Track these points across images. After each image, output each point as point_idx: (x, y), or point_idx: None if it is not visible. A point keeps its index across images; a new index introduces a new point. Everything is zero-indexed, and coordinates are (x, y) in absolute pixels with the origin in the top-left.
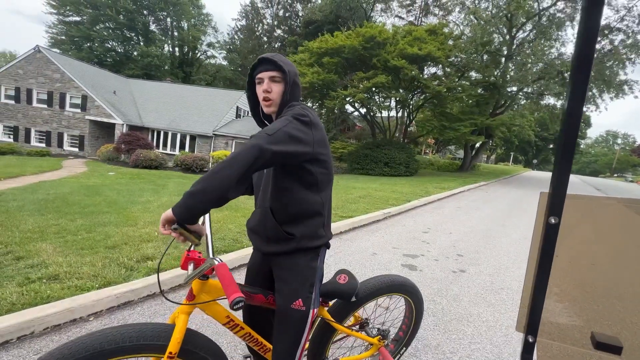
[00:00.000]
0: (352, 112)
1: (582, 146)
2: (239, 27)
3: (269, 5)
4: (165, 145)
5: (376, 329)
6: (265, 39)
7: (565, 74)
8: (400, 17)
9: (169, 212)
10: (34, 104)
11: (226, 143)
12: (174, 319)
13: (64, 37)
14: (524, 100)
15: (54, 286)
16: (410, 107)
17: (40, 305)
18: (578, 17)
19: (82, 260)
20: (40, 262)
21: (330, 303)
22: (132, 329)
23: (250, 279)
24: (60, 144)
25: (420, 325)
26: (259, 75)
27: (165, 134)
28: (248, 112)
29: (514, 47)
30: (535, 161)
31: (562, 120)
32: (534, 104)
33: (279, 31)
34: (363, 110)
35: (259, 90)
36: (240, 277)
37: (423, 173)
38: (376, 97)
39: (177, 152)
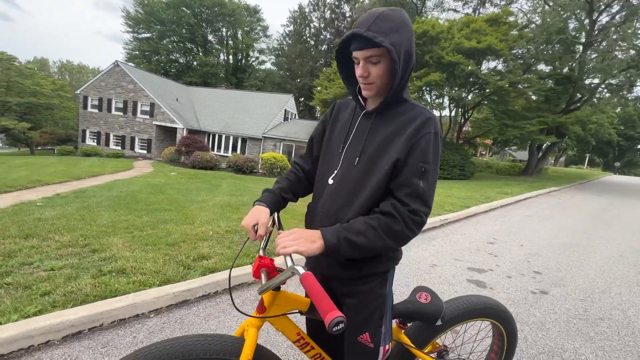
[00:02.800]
0: None
1: None
2: (287, 32)
3: (316, 8)
4: (219, 147)
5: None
6: (312, 42)
7: None
8: (455, 11)
9: (316, 243)
10: (113, 111)
11: (274, 145)
12: (243, 331)
13: (137, 52)
14: (607, 94)
15: (121, 280)
16: (466, 105)
17: (109, 298)
18: None
19: (146, 256)
20: (111, 256)
21: (408, 325)
22: (212, 340)
23: None
24: (132, 147)
25: (512, 359)
26: (354, 54)
27: (220, 137)
28: (295, 114)
29: (595, 32)
30: (617, 164)
31: None
32: (621, 98)
33: (325, 33)
34: None
35: (357, 70)
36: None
37: (480, 176)
38: (427, 96)
39: (229, 153)
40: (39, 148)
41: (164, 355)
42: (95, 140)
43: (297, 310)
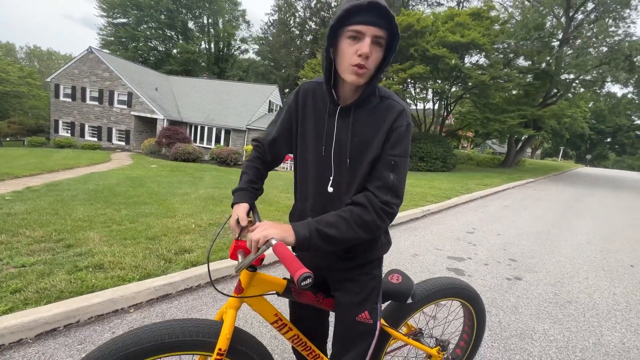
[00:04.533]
0: None
1: None
2: (272, 21)
3: None
4: (202, 139)
5: (434, 339)
6: (297, 32)
7: (635, 59)
8: (440, 4)
9: (287, 234)
10: (87, 101)
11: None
12: (222, 314)
13: (112, 39)
14: (582, 89)
15: (99, 275)
16: (449, 98)
17: (85, 294)
18: None
19: (125, 250)
20: (87, 251)
21: (383, 306)
22: (190, 323)
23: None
24: (109, 138)
25: (482, 339)
26: (359, 28)
27: (202, 128)
28: (280, 106)
29: (571, 29)
30: (589, 157)
31: None
32: (593, 93)
33: (311, 23)
34: None
35: (350, 48)
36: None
37: (461, 168)
38: (411, 89)
39: (212, 145)
40: (7, 139)
41: (143, 340)
42: (69, 131)
43: (274, 292)
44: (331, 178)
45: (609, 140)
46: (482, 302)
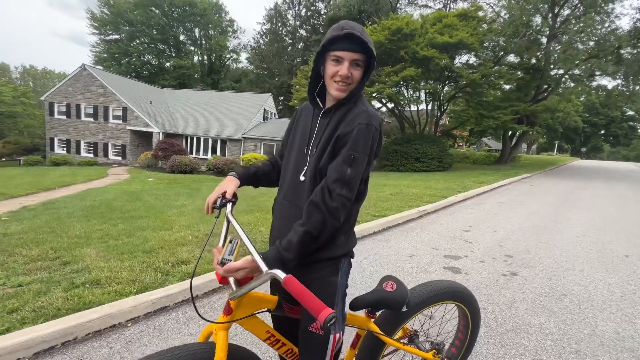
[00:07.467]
0: (379, 108)
1: None
2: (264, 30)
3: (291, 6)
4: (198, 150)
5: (429, 343)
6: (289, 40)
7: (621, 51)
8: (427, 7)
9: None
10: (82, 117)
11: (255, 145)
12: (208, 334)
13: (105, 55)
14: (572, 83)
15: (96, 291)
16: (442, 98)
17: (82, 310)
18: None
19: (122, 265)
20: (84, 267)
21: (377, 314)
22: (178, 352)
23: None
24: (105, 154)
25: (477, 338)
26: (339, 54)
27: (198, 140)
28: (275, 114)
29: (558, 25)
30: (583, 149)
31: None
32: (584, 87)
33: (302, 31)
34: (391, 105)
35: (333, 69)
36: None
37: (458, 167)
38: (405, 91)
39: (209, 156)
40: (3, 159)
41: None
42: (65, 149)
43: (265, 309)
44: (305, 168)
45: (602, 132)
46: (477, 302)
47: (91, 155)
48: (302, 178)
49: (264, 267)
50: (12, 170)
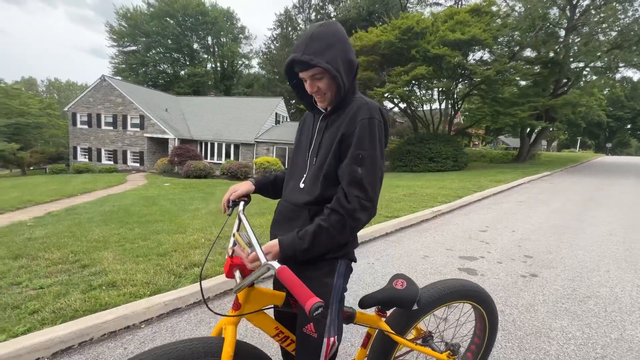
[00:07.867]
0: (392, 108)
1: None
2: (275, 35)
3: (301, 10)
4: (212, 155)
5: (444, 344)
6: None
7: None
8: (438, 4)
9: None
10: (103, 126)
11: (267, 149)
12: (220, 330)
13: (124, 66)
14: (593, 76)
15: (112, 293)
16: (455, 96)
17: (98, 312)
18: None
19: (137, 267)
20: (101, 270)
21: (388, 313)
22: (190, 344)
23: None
24: (124, 161)
25: (494, 341)
26: (300, 75)
27: (212, 145)
28: (287, 117)
29: (577, 16)
30: (608, 145)
31: None
32: (607, 79)
33: None
34: (403, 105)
35: (306, 86)
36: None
37: (474, 166)
38: (417, 90)
39: (223, 160)
40: (31, 168)
41: None
42: (87, 157)
43: (272, 305)
44: (304, 175)
45: (629, 126)
46: (494, 303)
47: (111, 162)
48: (301, 185)
49: (262, 258)
50: (39, 178)
